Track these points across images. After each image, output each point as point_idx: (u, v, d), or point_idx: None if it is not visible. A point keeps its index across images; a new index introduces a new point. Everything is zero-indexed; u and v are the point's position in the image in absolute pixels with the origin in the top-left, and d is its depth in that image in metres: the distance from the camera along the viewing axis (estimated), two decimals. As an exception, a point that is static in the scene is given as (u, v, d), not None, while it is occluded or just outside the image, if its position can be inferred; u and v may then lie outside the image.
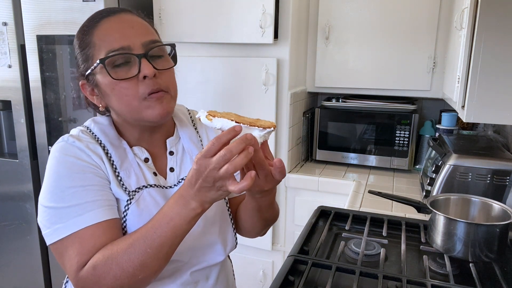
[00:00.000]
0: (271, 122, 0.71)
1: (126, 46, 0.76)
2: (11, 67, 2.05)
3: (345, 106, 2.13)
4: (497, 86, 1.12)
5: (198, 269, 0.88)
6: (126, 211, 0.80)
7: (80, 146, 0.80)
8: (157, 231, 0.71)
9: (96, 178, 0.78)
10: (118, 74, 0.77)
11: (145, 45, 0.78)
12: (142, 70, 0.76)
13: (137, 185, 0.82)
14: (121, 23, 0.79)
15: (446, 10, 1.85)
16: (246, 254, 2.06)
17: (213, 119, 0.70)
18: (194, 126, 0.97)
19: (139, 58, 0.77)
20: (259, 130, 0.69)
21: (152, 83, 0.78)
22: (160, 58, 0.81)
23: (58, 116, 2.02)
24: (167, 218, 0.72)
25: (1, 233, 2.26)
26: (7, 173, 2.17)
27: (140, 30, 0.80)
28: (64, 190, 0.75)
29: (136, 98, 0.78)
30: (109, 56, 0.76)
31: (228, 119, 0.69)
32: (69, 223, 0.74)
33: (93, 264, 0.72)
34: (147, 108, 0.79)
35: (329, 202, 1.51)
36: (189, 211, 0.70)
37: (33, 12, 1.93)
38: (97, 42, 0.78)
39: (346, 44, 2.04)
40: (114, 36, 0.77)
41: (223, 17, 1.84)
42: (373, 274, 0.91)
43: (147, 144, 0.88)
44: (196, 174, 0.67)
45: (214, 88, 1.96)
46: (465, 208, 1.08)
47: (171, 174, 0.88)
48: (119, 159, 0.82)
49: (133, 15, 0.82)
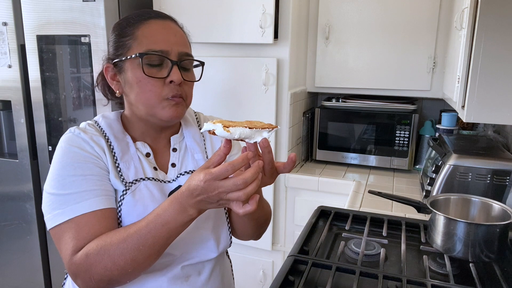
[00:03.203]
0: (268, 124, 0.77)
1: (165, 51, 0.84)
2: (11, 67, 2.05)
3: (345, 106, 2.13)
4: (497, 86, 1.12)
5: (189, 263, 0.90)
6: (121, 201, 0.83)
7: (84, 137, 0.84)
8: (151, 231, 0.74)
9: (96, 169, 0.82)
10: (150, 72, 0.83)
11: (180, 55, 0.86)
12: (171, 75, 0.84)
13: (135, 177, 0.86)
14: (168, 29, 0.87)
15: (446, 10, 1.85)
16: (246, 254, 2.06)
17: (231, 129, 0.72)
18: (199, 126, 1.02)
19: (173, 64, 0.84)
20: (267, 132, 0.74)
21: (176, 88, 0.85)
22: (187, 71, 0.89)
23: (58, 116, 2.02)
24: (162, 220, 0.74)
25: (1, 233, 2.26)
26: (7, 173, 2.17)
27: (181, 41, 0.88)
28: (66, 178, 0.80)
29: (158, 97, 0.84)
30: (148, 53, 0.83)
31: (241, 127, 0.72)
32: (67, 209, 0.78)
33: (86, 252, 0.75)
34: (163, 108, 0.85)
35: (329, 202, 1.51)
36: (185, 216, 0.74)
37: (33, 12, 1.93)
38: (140, 36, 0.84)
39: (346, 44, 2.04)
40: (158, 38, 0.84)
41: (223, 17, 1.84)
42: (373, 274, 0.91)
43: (151, 139, 0.93)
44: (202, 191, 0.69)
45: (214, 88, 1.96)
46: (465, 208, 1.08)
47: (172, 169, 0.92)
48: (121, 151, 0.87)
49: (177, 25, 0.90)
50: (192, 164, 0.94)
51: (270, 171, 0.76)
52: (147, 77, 0.83)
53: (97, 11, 1.81)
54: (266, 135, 0.73)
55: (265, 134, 0.73)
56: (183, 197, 0.72)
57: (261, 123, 0.75)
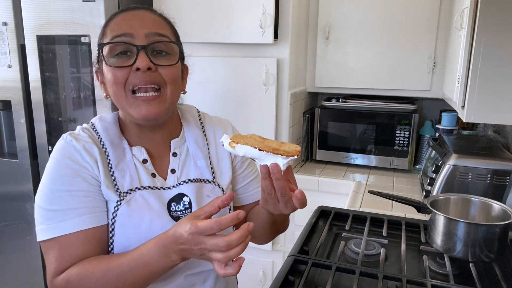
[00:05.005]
0: (295, 146, 0.70)
1: (128, 33, 0.76)
2: (11, 67, 2.05)
3: (345, 106, 2.13)
4: (497, 86, 1.12)
5: (193, 273, 0.86)
6: (116, 212, 0.79)
7: (76, 146, 0.80)
8: (132, 270, 0.72)
9: (83, 184, 0.78)
10: (115, 62, 0.76)
11: (149, 36, 0.77)
12: (136, 62, 0.75)
13: (130, 187, 0.81)
14: (134, 16, 0.79)
15: (446, 10, 1.85)
16: (246, 254, 2.04)
17: (236, 146, 0.68)
18: (203, 129, 0.95)
19: (138, 49, 0.75)
20: (282, 158, 0.67)
21: (143, 76, 0.76)
22: (163, 55, 0.79)
23: (58, 116, 2.02)
24: (144, 261, 0.72)
25: (1, 233, 2.26)
26: (7, 173, 2.17)
27: (149, 23, 0.78)
28: (53, 192, 0.77)
29: (123, 88, 0.77)
30: (108, 42, 0.76)
31: (251, 146, 0.67)
32: (51, 227, 0.76)
33: (67, 278, 0.74)
34: (131, 105, 0.78)
35: (329, 202, 1.50)
36: (167, 261, 0.71)
37: (33, 12, 1.93)
38: (107, 32, 0.79)
39: (346, 44, 2.04)
40: (121, 25, 0.77)
41: (223, 17, 1.84)
42: (373, 274, 0.91)
43: (148, 143, 0.87)
44: (185, 242, 0.67)
45: (214, 88, 1.96)
46: (465, 208, 1.08)
47: (172, 175, 0.87)
48: (116, 159, 0.82)
49: (152, 13, 0.81)
50: (195, 172, 0.88)
51: (284, 199, 0.71)
52: (112, 68, 0.76)
53: (97, 11, 1.81)
54: (281, 161, 0.67)
55: (279, 161, 0.67)
56: (168, 241, 0.70)
57: (289, 147, 0.69)
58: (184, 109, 0.96)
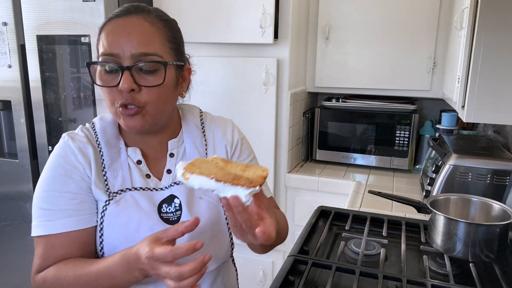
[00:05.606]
0: (262, 170, 0.64)
1: (116, 54, 0.76)
2: (11, 67, 2.05)
3: (345, 106, 2.13)
4: (497, 86, 1.12)
5: None
6: (104, 211, 0.81)
7: (71, 146, 0.83)
8: (99, 280, 0.75)
9: (72, 185, 0.81)
10: (104, 79, 0.78)
11: (134, 57, 0.76)
12: (120, 83, 0.75)
13: (121, 187, 0.83)
14: (123, 28, 0.77)
15: (446, 10, 1.85)
16: (246, 254, 2.04)
17: (190, 177, 0.61)
18: (203, 129, 0.94)
19: (122, 70, 0.75)
20: (243, 189, 0.60)
21: (125, 97, 0.76)
22: (150, 74, 0.77)
23: (58, 116, 2.02)
24: (110, 273, 0.74)
25: (1, 233, 2.26)
26: (7, 173, 2.17)
27: (136, 39, 0.76)
28: (46, 191, 0.81)
29: (113, 105, 0.79)
30: (95, 62, 0.78)
31: (207, 176, 0.60)
32: (40, 224, 0.80)
33: (44, 277, 0.79)
34: (119, 116, 0.80)
35: (329, 202, 1.50)
36: (131, 277, 0.73)
37: (33, 12, 1.93)
38: (101, 40, 0.79)
39: (346, 44, 2.04)
40: (109, 40, 0.76)
41: (223, 17, 1.84)
42: (373, 274, 0.91)
43: (144, 144, 0.87)
44: (143, 263, 0.69)
45: (214, 88, 1.96)
46: (465, 208, 1.08)
47: (167, 175, 0.87)
48: (110, 159, 0.84)
49: (142, 19, 0.78)
50: None
51: (251, 231, 0.66)
52: (100, 86, 0.79)
53: (97, 11, 1.81)
54: (242, 193, 0.60)
55: (240, 192, 0.60)
56: (131, 258, 0.71)
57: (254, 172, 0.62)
58: (186, 109, 0.96)
